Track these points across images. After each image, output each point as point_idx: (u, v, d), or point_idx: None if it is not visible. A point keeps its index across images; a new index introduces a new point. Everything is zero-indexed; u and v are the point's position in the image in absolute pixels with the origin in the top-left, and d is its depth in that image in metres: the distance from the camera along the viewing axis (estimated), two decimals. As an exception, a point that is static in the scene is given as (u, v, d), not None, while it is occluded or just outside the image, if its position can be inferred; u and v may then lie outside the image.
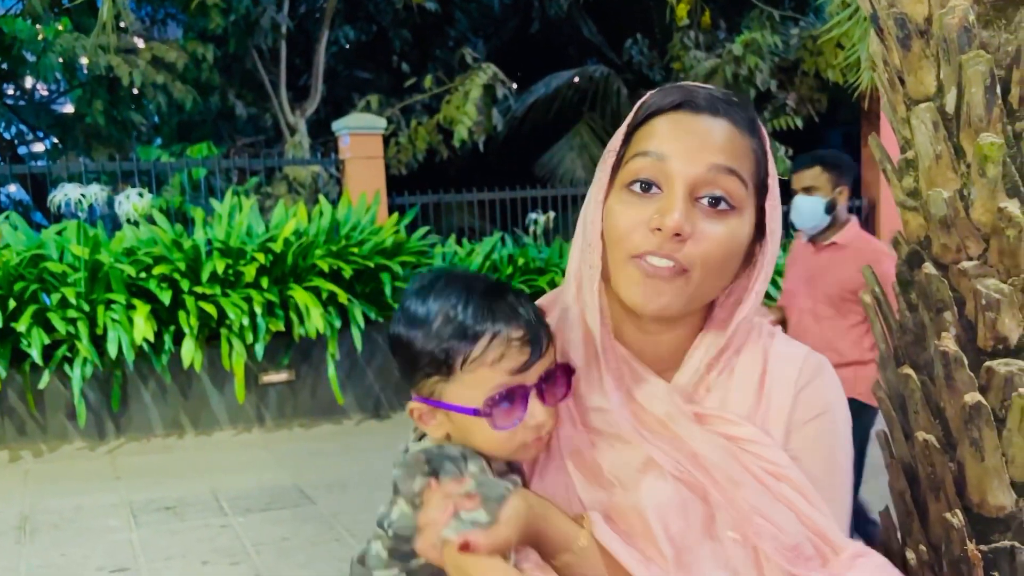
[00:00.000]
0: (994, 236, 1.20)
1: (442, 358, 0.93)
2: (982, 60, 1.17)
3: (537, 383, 0.95)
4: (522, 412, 0.94)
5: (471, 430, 0.96)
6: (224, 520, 3.80)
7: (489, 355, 0.92)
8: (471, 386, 0.94)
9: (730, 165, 0.90)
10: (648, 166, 0.91)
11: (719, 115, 0.92)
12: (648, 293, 0.91)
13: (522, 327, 0.94)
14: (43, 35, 7.68)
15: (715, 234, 0.90)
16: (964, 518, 1.25)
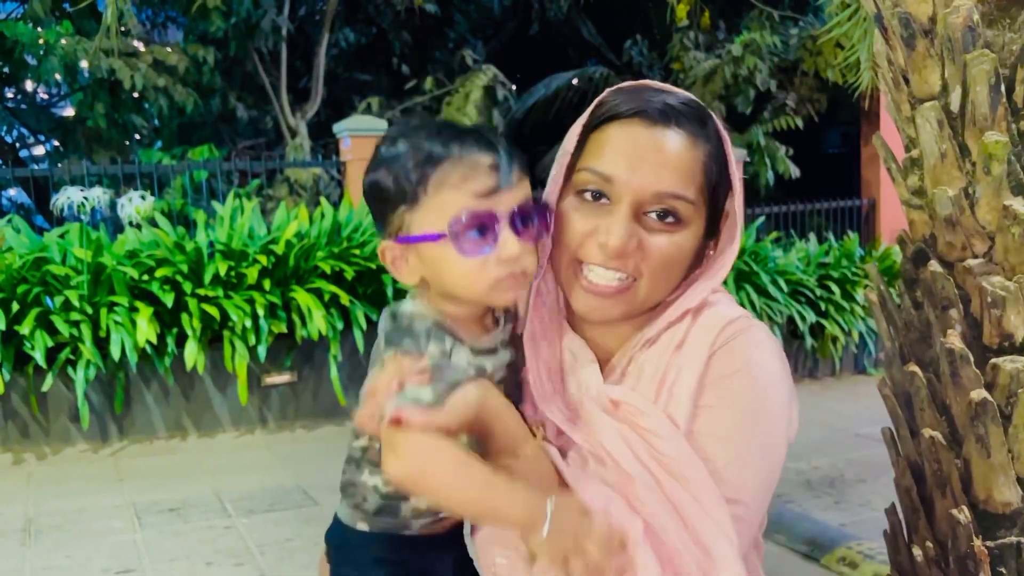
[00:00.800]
0: (999, 234, 1.21)
1: (409, 184, 0.92)
2: (986, 59, 1.18)
3: (511, 215, 0.93)
4: (492, 241, 0.92)
5: (442, 268, 0.94)
6: (228, 521, 3.80)
7: (453, 175, 0.91)
8: (437, 211, 0.92)
9: (676, 191, 0.92)
10: (595, 182, 0.94)
11: (672, 126, 0.93)
12: (593, 304, 0.95)
13: (491, 153, 0.93)
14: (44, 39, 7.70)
15: (661, 246, 0.93)
16: (970, 514, 1.26)
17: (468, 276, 0.93)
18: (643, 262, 0.93)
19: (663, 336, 0.98)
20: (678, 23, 8.78)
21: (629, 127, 0.94)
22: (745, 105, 8.82)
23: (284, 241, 5.27)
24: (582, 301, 0.96)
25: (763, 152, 8.82)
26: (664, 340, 0.98)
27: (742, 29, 9.01)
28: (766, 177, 8.82)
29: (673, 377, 0.95)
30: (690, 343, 0.96)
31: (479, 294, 0.95)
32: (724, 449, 0.90)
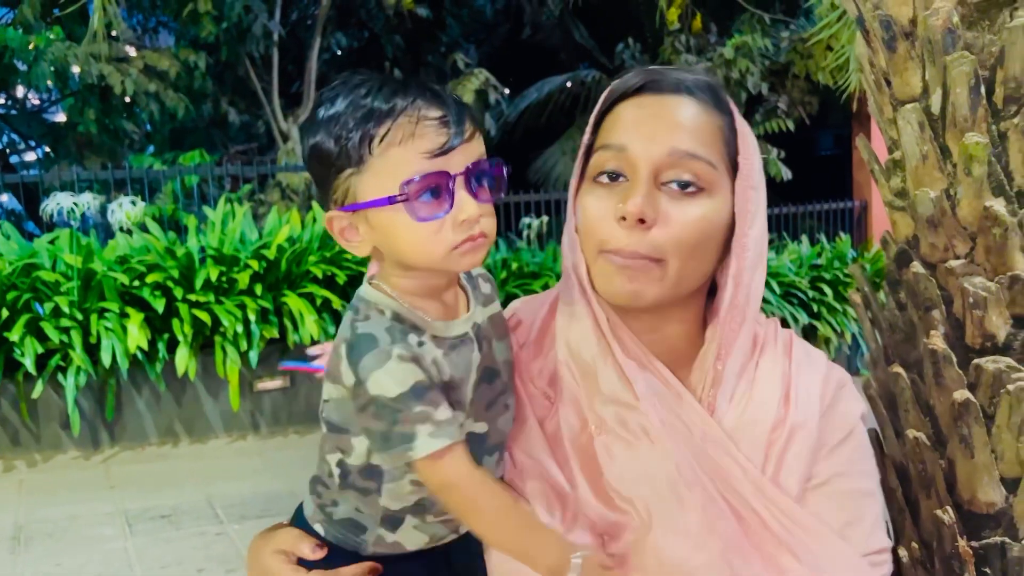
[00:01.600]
0: (981, 235, 1.21)
1: (353, 145, 0.84)
2: (966, 61, 1.18)
3: (465, 174, 0.85)
4: (448, 204, 0.84)
5: (395, 235, 0.86)
6: (220, 528, 3.79)
7: (398, 132, 0.83)
8: (386, 173, 0.83)
9: (693, 150, 0.87)
10: (611, 158, 0.89)
11: (682, 94, 0.90)
12: (619, 281, 0.88)
13: (439, 107, 0.85)
14: (34, 44, 7.68)
15: (684, 216, 0.87)
16: (955, 515, 1.25)
17: (424, 242, 0.85)
18: (666, 236, 0.86)
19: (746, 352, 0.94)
20: (669, 26, 8.82)
21: (640, 100, 0.91)
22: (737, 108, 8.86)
23: (276, 246, 5.26)
24: (611, 282, 0.89)
25: (755, 154, 8.85)
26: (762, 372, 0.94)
27: (733, 32, 9.04)
28: (758, 179, 8.85)
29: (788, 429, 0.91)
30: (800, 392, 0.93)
31: (436, 260, 0.87)
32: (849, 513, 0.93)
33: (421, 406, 0.84)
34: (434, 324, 0.90)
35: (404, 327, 0.88)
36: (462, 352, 0.91)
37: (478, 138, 0.88)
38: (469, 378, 0.91)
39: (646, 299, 0.89)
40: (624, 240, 0.87)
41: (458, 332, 0.92)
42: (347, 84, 0.88)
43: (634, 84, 0.92)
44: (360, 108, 0.84)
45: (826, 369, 0.97)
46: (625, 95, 0.92)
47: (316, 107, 0.89)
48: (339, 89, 0.88)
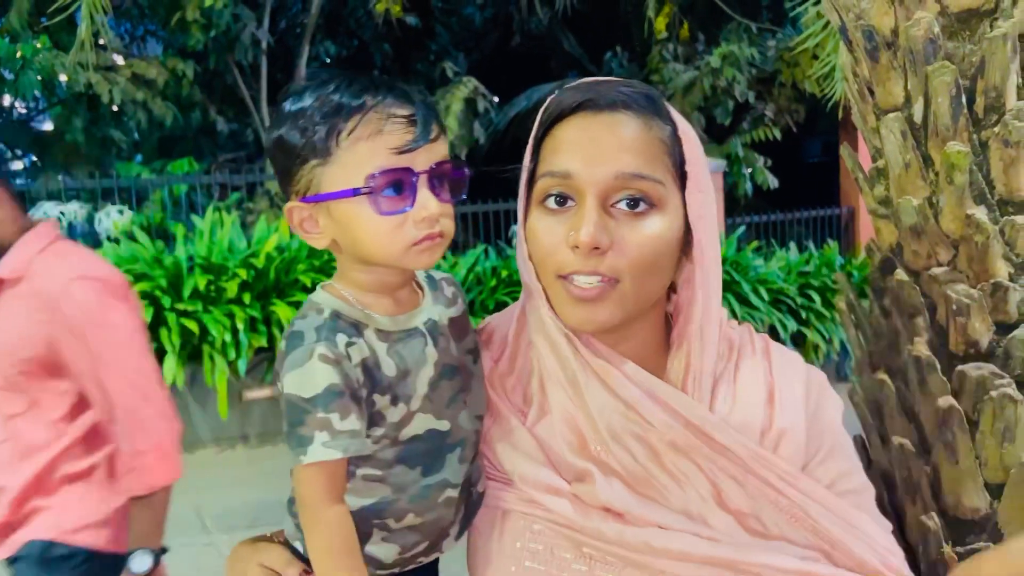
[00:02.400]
0: (963, 242, 1.22)
1: (319, 138, 0.85)
2: (947, 71, 1.19)
3: (428, 173, 0.87)
4: (409, 200, 0.86)
5: (355, 228, 0.87)
6: (208, 538, 3.76)
7: (367, 128, 0.85)
8: (351, 166, 0.85)
9: (638, 170, 0.87)
10: (556, 184, 0.89)
11: (620, 110, 0.89)
12: (582, 315, 0.89)
13: (407, 105, 0.87)
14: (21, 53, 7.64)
15: (638, 238, 0.87)
16: (940, 521, 1.27)
17: (383, 236, 0.87)
18: (622, 259, 0.86)
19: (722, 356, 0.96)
20: (657, 35, 8.87)
21: (578, 120, 0.89)
22: (724, 116, 8.90)
23: (264, 254, 5.25)
24: (571, 313, 0.89)
25: (742, 163, 8.89)
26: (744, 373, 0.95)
27: (720, 41, 9.09)
28: (745, 187, 8.89)
29: (776, 432, 0.93)
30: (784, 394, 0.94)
31: (394, 256, 0.89)
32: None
33: (325, 412, 0.85)
34: (379, 319, 0.91)
35: (339, 325, 0.88)
36: (411, 346, 0.92)
37: (443, 140, 0.90)
38: (421, 372, 0.92)
39: (605, 325, 0.89)
40: (580, 264, 0.87)
41: (406, 326, 0.93)
42: (315, 81, 0.89)
43: (570, 104, 0.90)
44: (328, 103, 0.86)
45: (805, 371, 0.98)
46: (562, 115, 0.91)
47: (282, 102, 0.90)
48: (307, 85, 0.89)
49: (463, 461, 0.96)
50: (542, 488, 0.94)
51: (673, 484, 0.91)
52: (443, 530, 0.97)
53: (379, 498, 0.92)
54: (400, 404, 0.90)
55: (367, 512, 0.92)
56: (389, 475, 0.92)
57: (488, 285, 6.02)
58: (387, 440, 0.91)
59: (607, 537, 0.89)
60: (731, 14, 8.74)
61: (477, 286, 6.01)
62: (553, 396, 0.96)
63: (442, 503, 0.94)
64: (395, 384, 0.90)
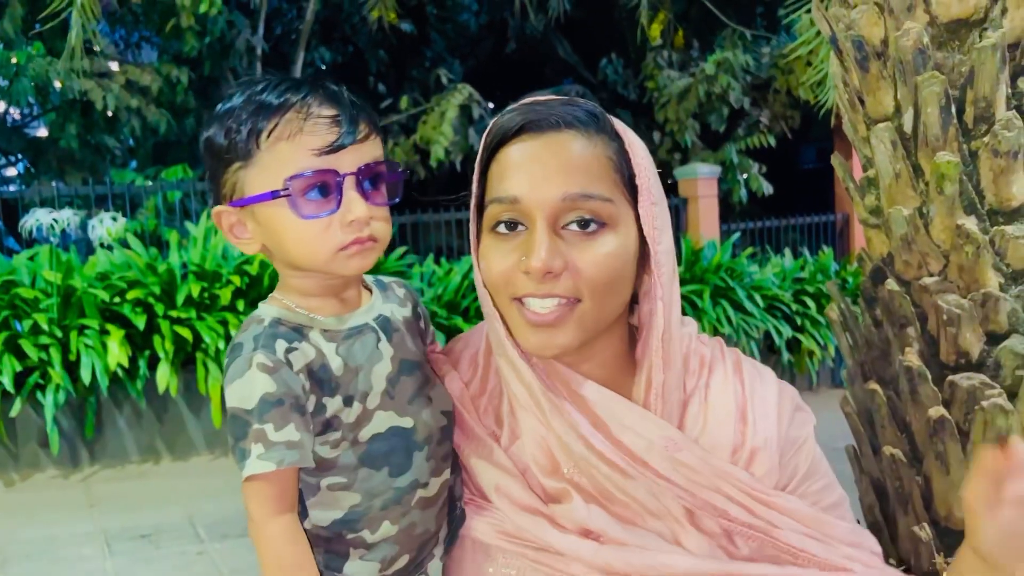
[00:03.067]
0: (953, 252, 1.22)
1: (241, 138, 0.83)
2: (937, 81, 1.19)
3: (357, 174, 0.84)
4: (335, 203, 0.83)
5: (281, 232, 0.85)
6: (201, 547, 3.74)
7: (287, 128, 0.82)
8: (272, 167, 0.83)
9: (586, 190, 0.85)
10: (505, 210, 0.87)
11: (563, 129, 0.87)
12: (540, 340, 0.87)
13: (332, 105, 0.84)
14: (15, 59, 7.63)
15: (592, 258, 0.85)
16: (932, 531, 1.26)
17: (309, 241, 0.84)
18: (579, 280, 0.85)
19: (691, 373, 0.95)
20: (652, 42, 8.89)
21: (521, 143, 0.88)
22: (719, 123, 8.92)
23: (258, 261, 5.23)
24: (529, 338, 0.87)
25: (736, 169, 8.91)
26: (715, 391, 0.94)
27: (715, 48, 9.12)
28: (739, 194, 8.91)
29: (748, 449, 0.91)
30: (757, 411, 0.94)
31: (322, 262, 0.86)
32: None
33: (260, 424, 0.83)
34: (323, 320, 0.89)
35: (279, 331, 0.86)
36: (361, 343, 0.90)
37: (375, 140, 0.88)
38: (375, 368, 0.90)
39: (565, 348, 0.87)
40: (534, 287, 0.86)
41: (354, 324, 0.91)
42: (249, 82, 0.87)
43: (513, 126, 0.89)
44: (253, 103, 0.84)
45: (777, 387, 0.97)
46: (506, 139, 0.89)
47: (217, 103, 0.89)
48: (242, 86, 0.87)
49: (431, 459, 0.93)
50: (519, 505, 0.92)
51: (647, 504, 0.89)
52: (424, 542, 0.94)
53: (348, 508, 0.89)
54: (355, 403, 0.88)
55: (339, 526, 0.90)
56: (355, 480, 0.89)
57: (483, 292, 6.01)
58: (347, 443, 0.88)
59: (585, 558, 0.88)
60: (725, 21, 8.77)
61: (472, 293, 5.99)
62: (523, 419, 0.94)
63: (416, 505, 0.91)
64: (345, 383, 0.87)
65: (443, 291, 5.80)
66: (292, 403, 0.84)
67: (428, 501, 0.92)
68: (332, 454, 0.88)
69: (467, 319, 5.62)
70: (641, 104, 9.56)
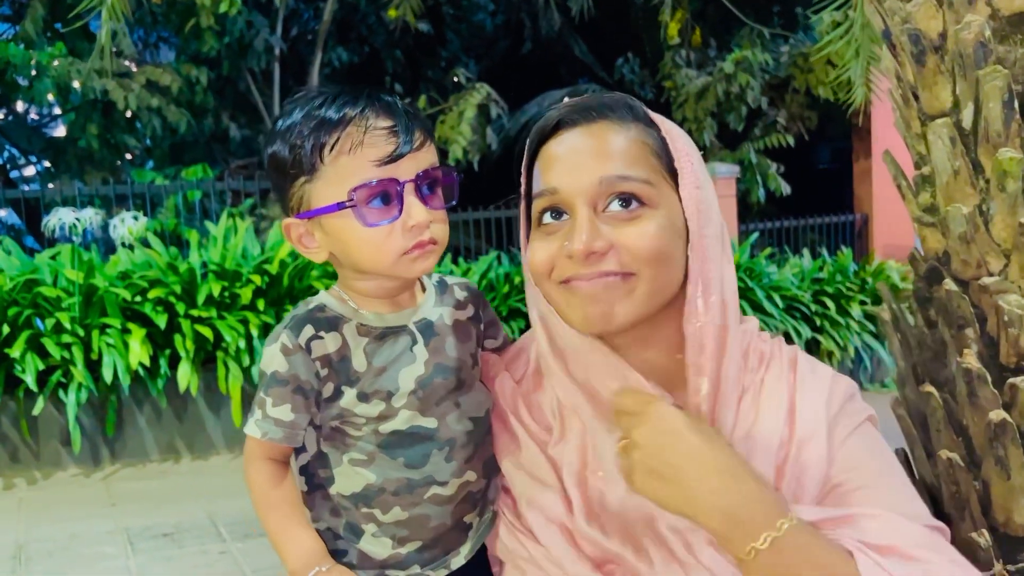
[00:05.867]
0: (1015, 251, 1.19)
1: (305, 154, 0.88)
2: (999, 75, 1.16)
3: (416, 181, 0.89)
4: (397, 210, 0.88)
5: (347, 240, 0.90)
6: (222, 546, 3.74)
7: (347, 141, 0.87)
8: (336, 181, 0.88)
9: (622, 172, 0.87)
10: (547, 201, 0.90)
11: (597, 120, 0.90)
12: (589, 307, 0.87)
13: (389, 116, 0.88)
14: (36, 60, 7.67)
15: (637, 233, 0.86)
16: (990, 538, 1.23)
17: (373, 247, 0.89)
18: (627, 255, 0.86)
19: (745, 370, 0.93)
20: (669, 41, 8.84)
21: (559, 137, 0.91)
22: (737, 122, 8.87)
23: (278, 261, 5.24)
24: (581, 310, 0.88)
25: (754, 169, 8.85)
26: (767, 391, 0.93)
27: (733, 47, 9.07)
28: (757, 194, 8.85)
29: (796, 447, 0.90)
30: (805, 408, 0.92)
31: (387, 266, 0.91)
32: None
33: (264, 394, 0.93)
34: (365, 314, 0.94)
35: (314, 317, 0.93)
36: (393, 343, 0.94)
37: (429, 147, 0.92)
38: (405, 370, 0.94)
39: (619, 319, 0.87)
40: (580, 268, 0.87)
41: (391, 324, 0.95)
42: (306, 96, 0.92)
43: (549, 125, 0.92)
44: (313, 118, 0.88)
45: (831, 381, 0.96)
46: (545, 136, 0.93)
47: (276, 119, 0.93)
48: (298, 101, 0.91)
49: (451, 460, 0.96)
50: (543, 517, 0.93)
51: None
52: (440, 534, 0.97)
53: (365, 485, 0.96)
54: (375, 401, 0.93)
55: (357, 499, 0.97)
56: (372, 461, 0.95)
57: (501, 291, 6.00)
58: (368, 428, 0.94)
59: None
60: (744, 19, 8.71)
61: (490, 292, 5.98)
62: (569, 420, 0.95)
63: (429, 500, 0.95)
64: (366, 379, 0.92)
65: (462, 291, 5.79)
66: (296, 387, 0.92)
67: (444, 499, 0.96)
68: (356, 434, 0.95)
69: (486, 319, 5.60)
70: (658, 104, 9.51)
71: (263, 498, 0.98)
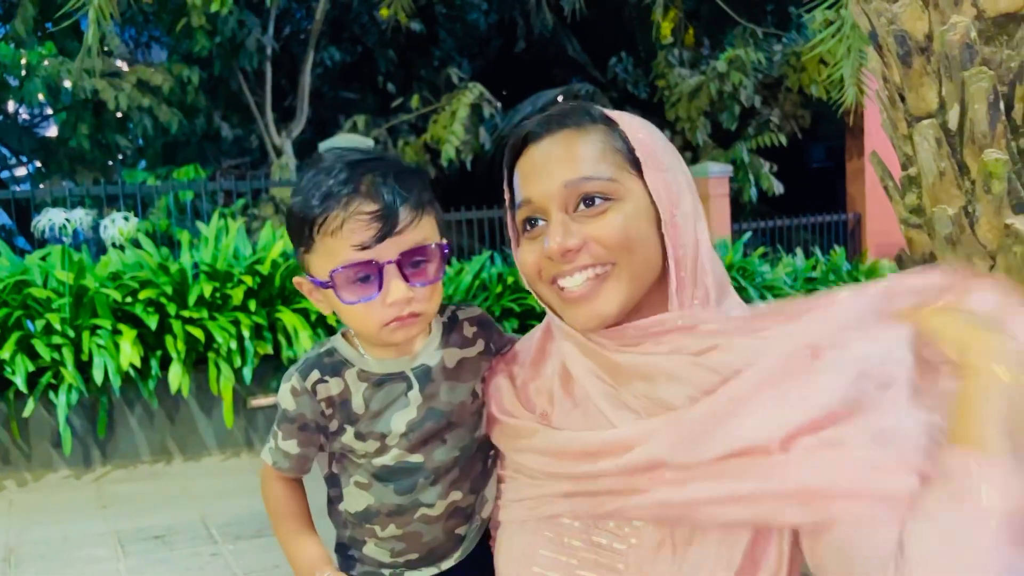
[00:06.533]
0: (1000, 253, 1.19)
1: (301, 227, 0.95)
2: (985, 76, 1.16)
3: (397, 262, 0.94)
4: (375, 288, 0.94)
5: (338, 308, 0.98)
6: (214, 548, 3.73)
7: (331, 224, 0.92)
8: (324, 256, 0.94)
9: (583, 175, 0.93)
10: (525, 211, 0.97)
11: (557, 130, 0.97)
12: (584, 314, 0.94)
13: (374, 202, 0.93)
14: (27, 59, 7.63)
15: (607, 225, 0.93)
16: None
17: (357, 319, 0.97)
18: (601, 247, 0.93)
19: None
20: (663, 40, 8.85)
21: (527, 153, 0.99)
22: (730, 121, 8.88)
23: (270, 261, 5.23)
24: (573, 314, 0.96)
25: (747, 168, 8.86)
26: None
27: (726, 46, 9.08)
28: (750, 193, 8.86)
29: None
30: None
31: (370, 334, 0.98)
32: None
33: (276, 427, 1.05)
34: (368, 360, 1.01)
35: (322, 362, 1.01)
36: (390, 389, 1.01)
37: (418, 225, 0.96)
38: (398, 413, 1.01)
39: (609, 310, 0.94)
40: (560, 266, 0.94)
41: (389, 370, 1.02)
42: (320, 160, 0.98)
43: (519, 140, 1.00)
44: (311, 192, 0.95)
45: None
46: (517, 153, 1.00)
47: (302, 173, 1.01)
48: (314, 162, 0.99)
49: (436, 485, 1.04)
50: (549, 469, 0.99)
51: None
52: (433, 547, 1.06)
53: (365, 506, 1.05)
54: (370, 440, 1.01)
55: (360, 517, 1.06)
56: (370, 487, 1.04)
57: (494, 291, 5.99)
58: (365, 460, 1.03)
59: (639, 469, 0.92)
60: (736, 19, 8.72)
61: (483, 292, 5.98)
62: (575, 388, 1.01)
63: (419, 520, 1.04)
64: (365, 420, 1.00)
65: (454, 291, 5.78)
66: (302, 424, 1.02)
67: (432, 518, 1.04)
68: (357, 461, 1.04)
69: (479, 319, 5.60)
70: (652, 103, 9.52)
71: (276, 512, 1.10)
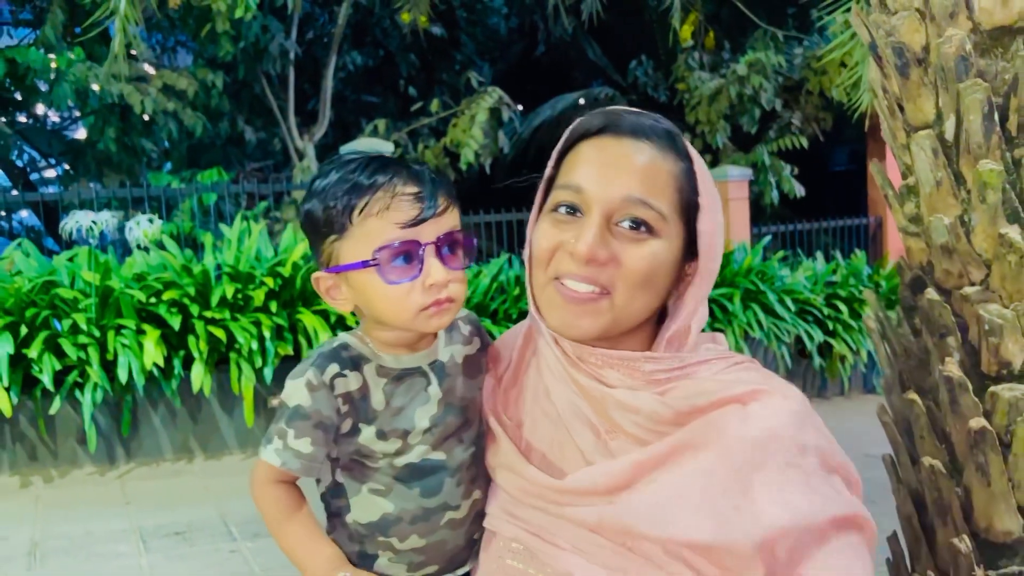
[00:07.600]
0: (995, 262, 1.21)
1: (336, 213, 0.95)
2: (980, 88, 1.18)
3: (436, 243, 0.95)
4: (417, 269, 0.94)
5: (370, 295, 0.96)
6: (234, 545, 3.79)
7: (376, 205, 0.93)
8: (362, 240, 0.94)
9: (645, 198, 0.91)
10: (569, 196, 0.94)
11: (641, 138, 0.94)
12: (567, 317, 0.93)
13: (414, 183, 0.95)
14: (56, 64, 7.79)
15: (635, 256, 0.91)
16: (972, 543, 1.25)
17: (394, 303, 0.95)
18: (617, 273, 0.91)
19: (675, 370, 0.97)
20: (683, 44, 8.84)
21: (599, 141, 0.95)
22: (750, 124, 8.84)
23: (291, 263, 5.30)
24: (557, 315, 0.94)
25: (768, 171, 8.82)
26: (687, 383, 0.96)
27: (747, 49, 9.05)
28: (771, 196, 8.82)
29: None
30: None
31: (405, 320, 0.97)
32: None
33: (286, 425, 0.97)
34: (384, 356, 1.00)
35: (339, 356, 0.99)
36: (410, 384, 1.00)
37: (452, 211, 0.98)
38: (420, 409, 1.00)
39: (587, 333, 0.93)
40: (575, 269, 0.92)
41: (407, 365, 1.01)
42: (341, 161, 0.99)
43: (595, 125, 0.96)
44: (346, 182, 0.95)
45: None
46: (587, 134, 0.97)
47: (313, 179, 1.00)
48: (335, 164, 0.99)
49: (460, 484, 1.02)
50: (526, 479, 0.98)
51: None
52: (454, 555, 1.03)
53: (382, 515, 1.00)
54: (392, 439, 0.98)
55: (373, 528, 1.01)
56: (390, 491, 1.00)
57: (512, 294, 6.03)
58: (385, 462, 1.00)
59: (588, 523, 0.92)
60: (757, 22, 8.69)
61: (500, 295, 6.01)
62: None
63: (445, 525, 1.01)
64: (385, 417, 0.98)
65: (472, 293, 5.81)
66: (318, 422, 0.97)
67: (458, 522, 1.02)
68: (374, 466, 1.00)
69: (495, 322, 5.63)
70: (671, 106, 9.52)
71: (279, 516, 1.03)
